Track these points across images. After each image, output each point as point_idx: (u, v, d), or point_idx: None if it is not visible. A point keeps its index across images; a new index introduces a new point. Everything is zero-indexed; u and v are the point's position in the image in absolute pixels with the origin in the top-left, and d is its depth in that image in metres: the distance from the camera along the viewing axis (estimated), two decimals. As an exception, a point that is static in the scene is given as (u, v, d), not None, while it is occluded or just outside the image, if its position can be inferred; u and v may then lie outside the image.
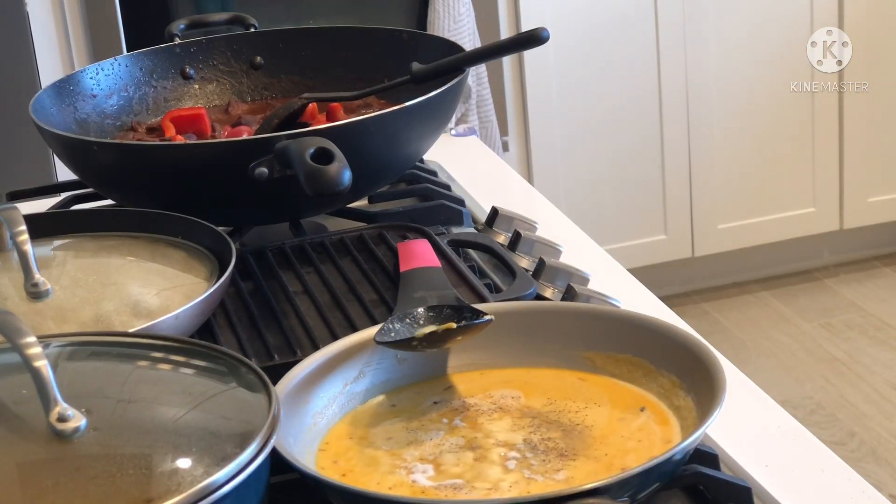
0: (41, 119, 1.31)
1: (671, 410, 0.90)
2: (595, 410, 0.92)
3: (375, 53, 1.51)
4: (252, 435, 0.76)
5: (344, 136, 1.12)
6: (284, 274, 1.17)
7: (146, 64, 1.53)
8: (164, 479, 0.73)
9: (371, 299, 1.11)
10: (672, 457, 0.79)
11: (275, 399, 0.80)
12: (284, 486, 0.85)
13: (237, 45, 1.56)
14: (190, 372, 0.87)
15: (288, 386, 0.90)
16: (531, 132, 3.13)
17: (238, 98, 1.55)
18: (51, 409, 0.75)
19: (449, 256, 1.16)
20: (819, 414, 2.88)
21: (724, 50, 3.17)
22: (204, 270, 1.09)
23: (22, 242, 1.02)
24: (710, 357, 0.89)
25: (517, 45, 1.36)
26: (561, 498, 0.75)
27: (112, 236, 1.16)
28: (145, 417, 0.81)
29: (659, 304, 1.21)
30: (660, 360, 0.93)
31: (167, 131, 1.41)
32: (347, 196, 1.26)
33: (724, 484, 0.86)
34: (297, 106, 1.35)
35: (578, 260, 1.25)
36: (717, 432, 0.96)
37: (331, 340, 0.99)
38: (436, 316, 0.96)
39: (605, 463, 0.85)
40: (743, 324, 3.31)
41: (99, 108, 1.47)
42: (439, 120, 1.31)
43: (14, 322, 0.79)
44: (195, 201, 1.21)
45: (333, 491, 0.81)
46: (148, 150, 1.28)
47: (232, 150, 1.20)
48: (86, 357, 0.89)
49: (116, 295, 1.03)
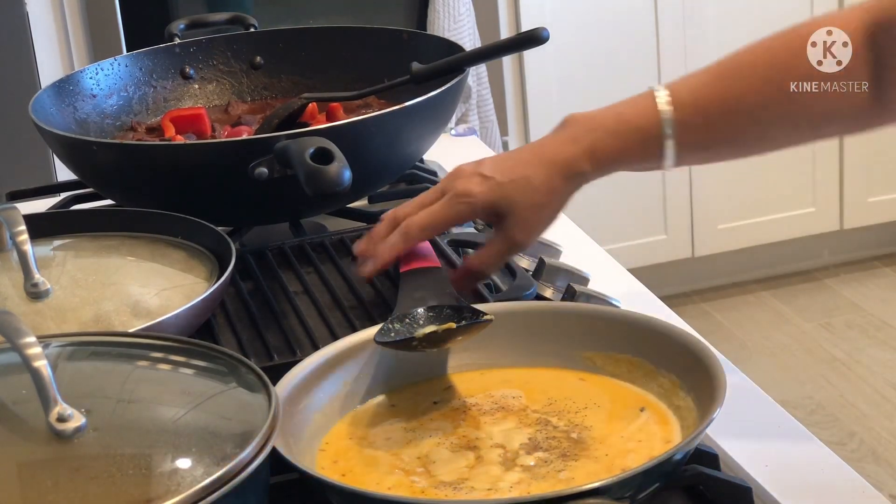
0: (41, 119, 1.31)
1: (671, 410, 0.90)
2: (595, 411, 0.92)
3: (375, 53, 1.51)
4: (252, 435, 0.76)
5: (344, 136, 1.12)
6: (284, 274, 1.17)
7: (146, 64, 1.53)
8: (164, 479, 0.73)
9: (371, 299, 1.11)
10: (672, 457, 0.79)
11: (275, 399, 0.80)
12: (284, 486, 0.85)
13: (237, 45, 1.56)
14: (190, 372, 0.86)
15: (288, 386, 0.90)
16: (531, 132, 3.13)
17: (238, 98, 1.55)
18: (51, 409, 0.75)
19: (449, 256, 1.16)
20: (819, 414, 2.87)
21: (723, 50, 3.15)
22: (204, 270, 1.09)
23: (22, 242, 1.02)
24: (710, 357, 0.89)
25: (517, 45, 1.36)
26: (561, 498, 0.75)
27: (112, 236, 1.16)
28: (145, 417, 0.81)
29: (659, 304, 1.21)
30: (660, 360, 0.93)
31: (167, 131, 1.42)
32: (347, 196, 1.26)
33: (724, 484, 0.86)
34: (297, 106, 1.35)
35: (578, 260, 1.25)
36: (717, 432, 0.96)
37: (331, 340, 0.99)
38: (436, 316, 0.96)
39: (605, 463, 0.85)
40: (743, 324, 3.31)
41: (99, 108, 1.47)
42: (439, 120, 1.31)
43: (14, 322, 0.79)
44: (195, 201, 1.21)
45: (333, 491, 0.81)
46: (148, 150, 1.28)
47: (232, 150, 1.20)
48: (86, 357, 0.89)
49: (116, 295, 1.03)
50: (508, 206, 1.04)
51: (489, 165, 1.06)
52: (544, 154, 1.05)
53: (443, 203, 1.05)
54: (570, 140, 1.04)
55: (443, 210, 1.05)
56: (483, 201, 1.04)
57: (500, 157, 1.09)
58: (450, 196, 1.05)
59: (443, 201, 1.05)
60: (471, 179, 1.05)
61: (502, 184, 1.04)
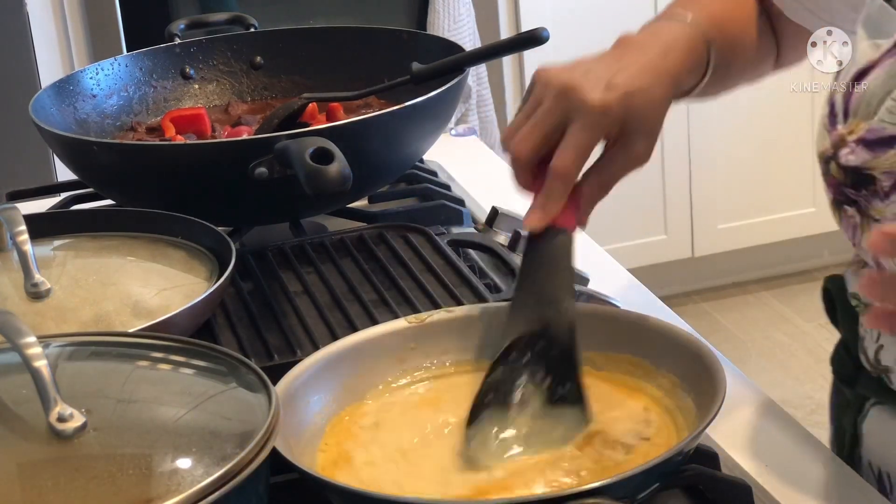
0: (41, 119, 1.31)
1: (671, 410, 0.90)
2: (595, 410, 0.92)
3: (375, 53, 1.51)
4: (252, 435, 0.76)
5: (344, 136, 1.12)
6: (284, 274, 1.17)
7: (146, 64, 1.53)
8: (164, 479, 0.73)
9: (371, 299, 1.11)
10: (672, 457, 0.79)
11: (275, 399, 0.80)
12: (284, 486, 0.85)
13: (237, 45, 1.56)
14: (190, 372, 0.86)
15: (288, 386, 0.90)
16: (531, 132, 3.13)
17: (238, 98, 1.55)
18: (51, 409, 0.75)
19: (449, 256, 1.16)
20: (819, 414, 2.87)
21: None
22: (204, 270, 1.09)
23: (22, 242, 1.02)
24: (710, 357, 0.89)
25: (517, 45, 1.36)
26: (561, 498, 0.75)
27: (112, 236, 1.16)
28: (145, 417, 0.81)
29: (659, 304, 1.21)
30: (660, 360, 0.93)
31: (167, 131, 1.41)
32: (347, 196, 1.26)
33: (724, 484, 0.86)
34: (297, 106, 1.35)
35: (578, 260, 1.25)
36: (717, 432, 0.96)
37: (331, 340, 0.99)
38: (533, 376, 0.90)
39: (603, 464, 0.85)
40: (743, 324, 3.30)
41: (99, 108, 1.47)
42: (439, 120, 1.31)
43: (14, 322, 0.79)
44: (195, 201, 1.21)
45: (333, 491, 0.81)
46: (148, 150, 1.28)
47: (232, 150, 1.20)
48: (86, 357, 0.89)
49: (116, 295, 1.03)
50: (638, 121, 0.94)
51: (602, 72, 0.94)
52: (657, 63, 0.96)
53: (582, 126, 0.92)
54: (663, 54, 0.98)
55: (586, 135, 0.92)
56: (618, 116, 0.93)
57: (608, 59, 0.97)
58: (585, 114, 0.92)
59: (579, 124, 0.92)
60: (595, 89, 0.92)
61: (631, 93, 0.93)
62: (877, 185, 0.88)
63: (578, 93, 0.92)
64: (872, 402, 0.99)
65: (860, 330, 0.97)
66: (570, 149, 0.92)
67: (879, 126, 0.87)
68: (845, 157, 0.89)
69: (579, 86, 0.92)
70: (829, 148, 0.91)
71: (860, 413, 0.98)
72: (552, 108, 0.93)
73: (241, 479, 0.73)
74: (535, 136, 0.93)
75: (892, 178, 0.87)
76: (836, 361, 1.04)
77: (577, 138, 0.92)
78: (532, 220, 0.93)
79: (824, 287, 1.04)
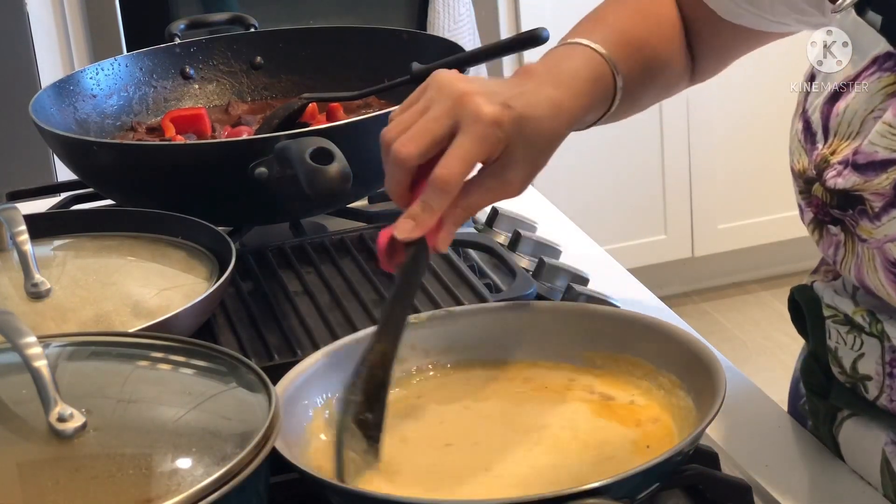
0: (41, 119, 1.31)
1: (671, 410, 0.90)
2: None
3: (375, 53, 1.51)
4: (252, 435, 0.76)
5: (344, 136, 1.12)
6: (284, 274, 1.17)
7: (146, 64, 1.53)
8: (164, 479, 0.73)
9: (371, 299, 1.11)
10: (672, 457, 0.79)
11: (275, 399, 0.80)
12: (284, 486, 0.85)
13: (237, 45, 1.56)
14: (190, 372, 0.87)
15: (288, 386, 0.90)
16: (531, 132, 3.13)
17: (238, 98, 1.55)
18: (51, 409, 0.75)
19: (449, 256, 1.16)
20: (819, 414, 2.87)
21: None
22: (204, 270, 1.09)
23: (22, 242, 1.02)
24: (710, 357, 0.89)
25: (517, 45, 1.36)
26: (561, 498, 0.75)
27: (112, 236, 1.16)
28: (145, 417, 0.81)
29: (659, 304, 1.21)
30: (660, 360, 0.93)
31: (167, 131, 1.42)
32: (347, 196, 1.26)
33: (724, 483, 0.86)
34: (297, 106, 1.35)
35: (578, 260, 1.25)
36: (717, 432, 0.96)
37: (331, 340, 0.99)
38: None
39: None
40: (743, 324, 3.30)
41: (99, 108, 1.47)
42: (439, 120, 1.31)
43: (14, 322, 0.79)
44: (195, 201, 1.21)
45: (333, 491, 0.81)
46: (148, 150, 1.28)
47: (232, 150, 1.20)
48: (86, 357, 0.89)
49: (116, 295, 1.03)
50: (524, 148, 0.90)
51: (501, 91, 0.90)
52: (556, 99, 0.93)
53: (472, 137, 0.88)
54: (565, 87, 0.94)
55: (474, 147, 0.88)
56: (507, 134, 0.89)
57: (509, 83, 0.93)
58: (476, 124, 0.88)
59: (469, 134, 0.88)
60: (492, 102, 0.89)
61: (525, 118, 0.90)
62: (866, 205, 0.86)
63: (474, 102, 0.88)
64: (846, 415, 0.95)
65: (830, 342, 0.94)
66: (455, 158, 0.88)
67: (870, 149, 0.85)
68: (832, 179, 0.88)
69: (476, 96, 0.89)
70: (811, 168, 0.90)
71: (833, 423, 0.96)
72: (445, 113, 0.89)
73: (241, 479, 0.73)
74: (425, 139, 0.89)
75: (882, 199, 0.85)
76: (806, 372, 0.99)
77: (464, 148, 0.88)
78: (404, 229, 0.89)
79: (791, 297, 1.02)
